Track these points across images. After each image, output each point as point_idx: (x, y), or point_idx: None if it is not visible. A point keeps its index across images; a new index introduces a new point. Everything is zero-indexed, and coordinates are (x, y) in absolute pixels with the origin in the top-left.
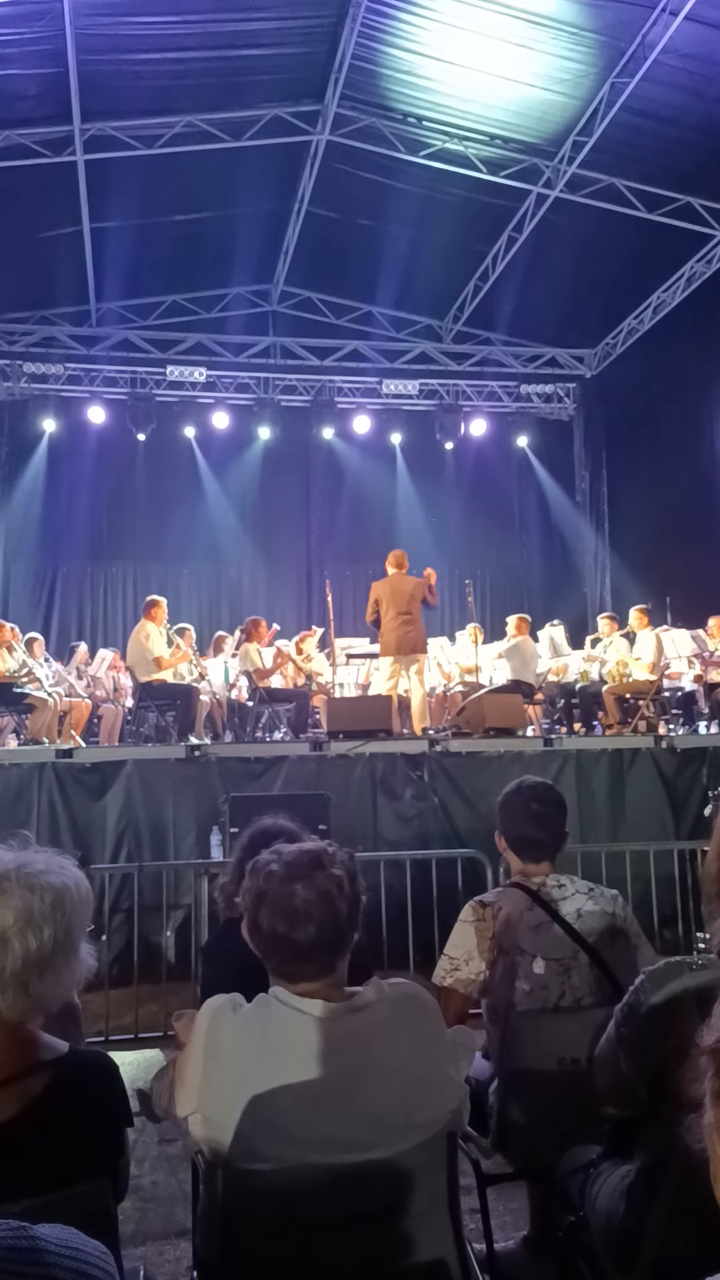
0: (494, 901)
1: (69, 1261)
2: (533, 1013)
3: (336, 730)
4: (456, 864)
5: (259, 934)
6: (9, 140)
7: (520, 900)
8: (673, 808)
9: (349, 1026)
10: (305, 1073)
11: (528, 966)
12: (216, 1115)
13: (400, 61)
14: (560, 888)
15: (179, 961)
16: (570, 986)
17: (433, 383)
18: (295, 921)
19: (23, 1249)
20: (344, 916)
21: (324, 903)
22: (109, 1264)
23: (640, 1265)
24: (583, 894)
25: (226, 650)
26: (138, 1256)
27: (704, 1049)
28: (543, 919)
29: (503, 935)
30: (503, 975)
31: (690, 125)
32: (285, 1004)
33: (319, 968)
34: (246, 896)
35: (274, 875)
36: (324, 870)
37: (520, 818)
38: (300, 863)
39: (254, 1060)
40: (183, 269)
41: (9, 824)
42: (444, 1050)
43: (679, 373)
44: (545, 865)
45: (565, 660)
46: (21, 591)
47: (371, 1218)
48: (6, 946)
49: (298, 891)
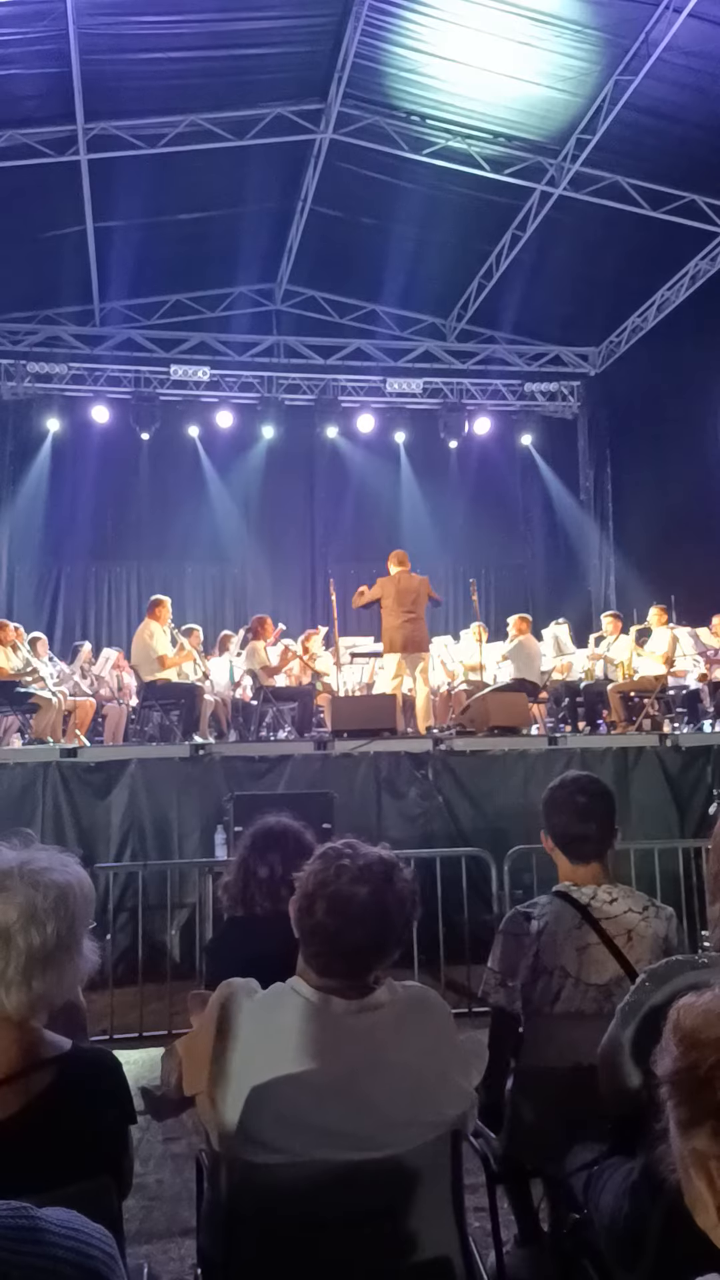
0: (539, 915)
1: (69, 1242)
2: (559, 1015)
3: (341, 729)
4: (461, 863)
5: (308, 920)
6: (12, 140)
7: (567, 917)
8: (677, 806)
9: (361, 1024)
10: (314, 1064)
11: (569, 990)
12: (223, 1096)
13: (403, 60)
14: (612, 903)
15: (183, 960)
16: (607, 1010)
17: (437, 381)
18: (348, 923)
19: (24, 1229)
20: (394, 933)
21: (381, 915)
22: (110, 1245)
23: (644, 1263)
24: (636, 913)
25: (231, 649)
26: (142, 1255)
27: (662, 1078)
28: (590, 939)
29: (545, 954)
30: (540, 993)
31: (694, 122)
32: (300, 995)
33: (351, 970)
34: (309, 879)
35: (344, 871)
36: (392, 884)
37: (566, 812)
38: (372, 868)
39: (264, 1046)
40: (186, 268)
41: (14, 823)
42: (454, 1057)
43: (683, 371)
44: (595, 868)
45: (570, 658)
46: (26, 591)
47: (376, 1216)
48: (10, 943)
49: (360, 895)
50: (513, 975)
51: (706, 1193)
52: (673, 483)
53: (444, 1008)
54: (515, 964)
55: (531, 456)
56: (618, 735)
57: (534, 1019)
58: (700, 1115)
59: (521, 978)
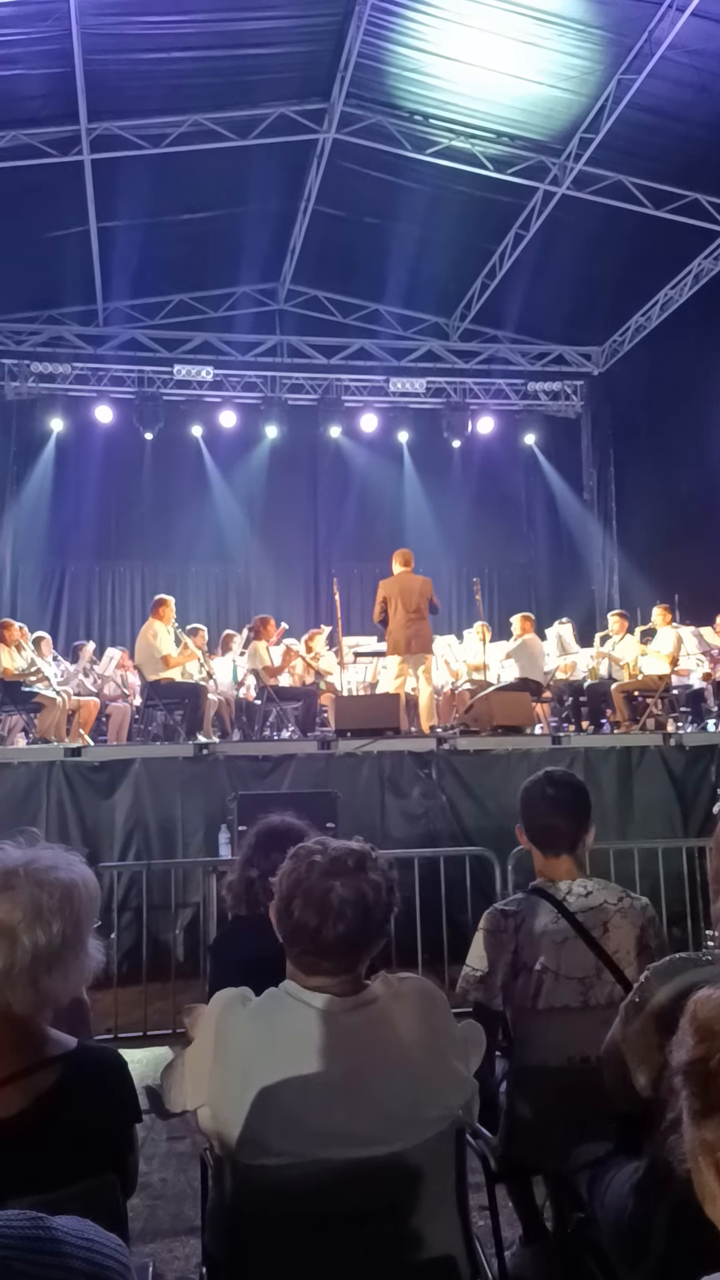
0: (516, 911)
1: (84, 1252)
2: (544, 1011)
3: (344, 729)
4: (464, 862)
5: (287, 921)
6: (16, 140)
7: (544, 912)
8: (681, 805)
9: (357, 1021)
10: (313, 1066)
11: (549, 984)
12: (225, 1108)
13: (406, 59)
14: (587, 895)
15: (187, 959)
16: (590, 1000)
17: (440, 381)
18: (327, 917)
19: (41, 1239)
20: (375, 922)
21: (359, 905)
22: (124, 1256)
23: (649, 1262)
24: (612, 905)
25: (234, 649)
26: (146, 1253)
27: (676, 1068)
28: (567, 934)
29: (524, 950)
30: (520, 988)
31: (698, 121)
32: (294, 997)
33: (338, 965)
34: (283, 880)
35: (315, 867)
36: (365, 873)
37: (537, 804)
38: (343, 860)
39: (262, 1053)
40: (189, 268)
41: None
42: (453, 1045)
43: (687, 370)
44: (566, 861)
45: (573, 658)
46: (30, 590)
47: (380, 1214)
48: (15, 942)
49: (335, 888)
50: (492, 972)
51: (715, 1184)
52: (676, 482)
53: (440, 997)
54: (495, 961)
55: (535, 456)
56: (621, 735)
57: (520, 1017)
58: (713, 1106)
59: (502, 975)
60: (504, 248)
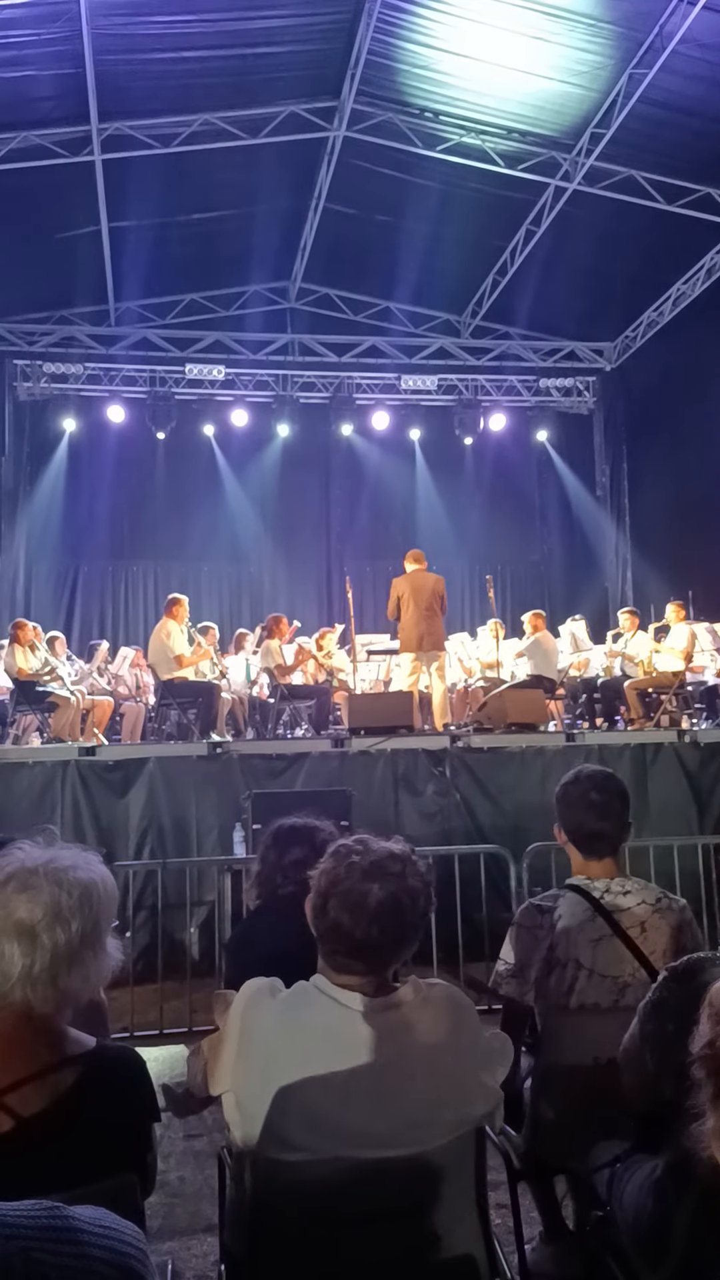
0: (552, 907)
1: (104, 1240)
2: (575, 1009)
3: (358, 726)
4: (479, 860)
5: (322, 919)
6: (27, 141)
7: (580, 909)
8: (697, 802)
9: (385, 1022)
10: (338, 1063)
11: (583, 981)
12: (248, 1096)
13: (416, 56)
14: (625, 894)
15: (203, 958)
16: (623, 1001)
17: (451, 378)
18: (361, 919)
19: (59, 1228)
20: (409, 927)
21: (395, 909)
22: (141, 1241)
23: (669, 1261)
24: (649, 904)
25: (247, 647)
26: (165, 1252)
27: (696, 1055)
28: (604, 932)
29: (560, 947)
30: (555, 986)
31: (710, 115)
32: (324, 993)
33: (369, 966)
34: (321, 878)
35: (354, 868)
36: (403, 879)
37: (579, 808)
38: (382, 863)
39: (288, 1046)
40: (201, 267)
41: (34, 822)
42: (479, 1054)
43: (700, 365)
44: (608, 863)
45: (586, 655)
46: (43, 590)
47: (400, 1213)
48: (35, 941)
49: (373, 891)
50: (526, 967)
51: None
52: (689, 477)
53: (469, 1005)
54: (529, 956)
55: (547, 452)
56: (635, 731)
57: (551, 1014)
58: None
59: (536, 971)
60: (515, 244)
